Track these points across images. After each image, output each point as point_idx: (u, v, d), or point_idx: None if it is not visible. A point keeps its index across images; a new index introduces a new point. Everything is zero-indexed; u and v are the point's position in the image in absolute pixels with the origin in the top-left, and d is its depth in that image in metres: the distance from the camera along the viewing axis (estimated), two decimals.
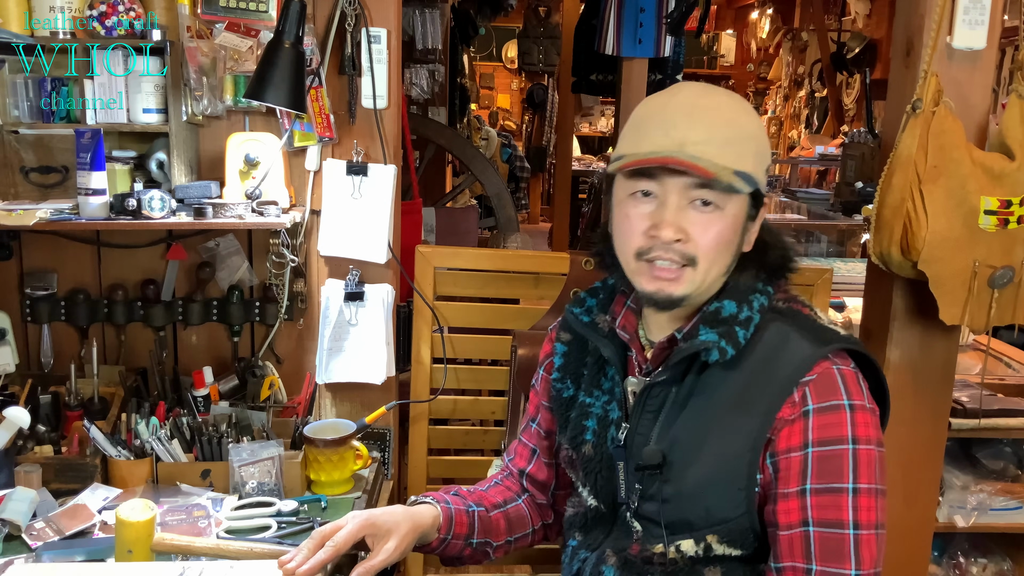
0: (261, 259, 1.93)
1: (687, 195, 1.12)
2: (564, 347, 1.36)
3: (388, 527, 1.22)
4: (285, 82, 1.63)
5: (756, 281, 1.20)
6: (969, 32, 1.64)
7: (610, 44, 3.41)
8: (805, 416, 1.10)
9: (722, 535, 1.14)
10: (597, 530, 1.28)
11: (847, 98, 7.16)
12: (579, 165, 8.42)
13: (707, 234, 1.12)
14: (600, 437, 1.26)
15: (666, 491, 1.16)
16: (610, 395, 1.27)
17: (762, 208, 1.19)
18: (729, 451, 1.13)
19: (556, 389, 1.35)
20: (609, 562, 1.23)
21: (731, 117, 1.15)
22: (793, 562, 1.10)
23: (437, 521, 1.29)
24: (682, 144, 1.10)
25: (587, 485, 1.28)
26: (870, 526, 1.08)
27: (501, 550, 1.39)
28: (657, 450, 1.16)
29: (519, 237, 3.65)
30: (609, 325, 1.28)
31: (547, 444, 1.42)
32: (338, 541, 1.19)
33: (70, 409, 1.77)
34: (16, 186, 1.80)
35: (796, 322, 1.17)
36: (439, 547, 1.31)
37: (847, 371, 1.13)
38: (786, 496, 1.11)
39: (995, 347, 2.49)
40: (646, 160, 1.12)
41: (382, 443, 1.90)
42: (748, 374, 1.14)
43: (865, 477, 1.09)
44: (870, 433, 1.11)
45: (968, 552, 2.25)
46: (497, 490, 1.43)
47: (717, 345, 1.13)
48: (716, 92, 1.19)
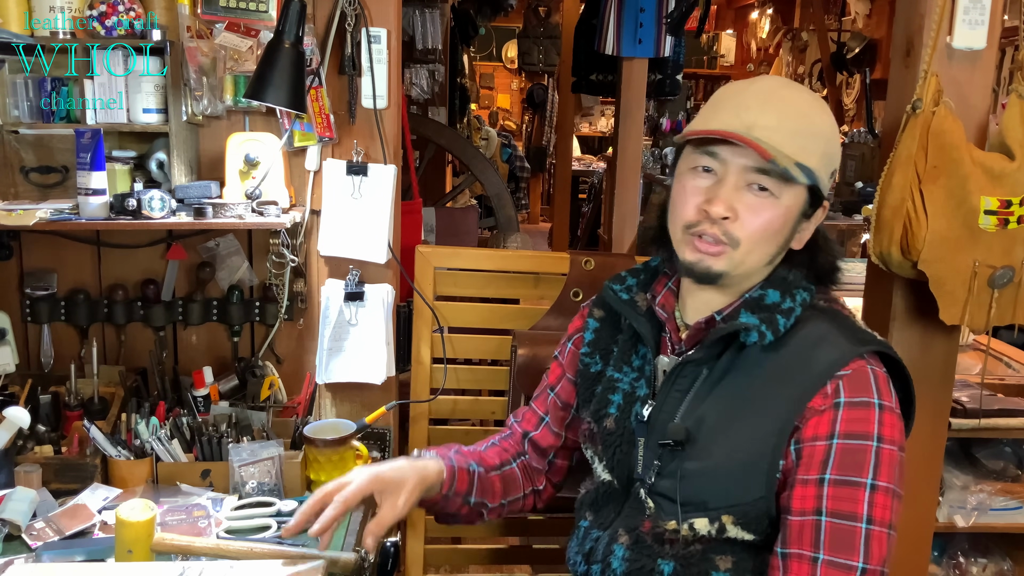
0: (261, 259, 1.93)
1: (745, 177, 1.14)
2: (596, 323, 1.38)
3: (396, 481, 1.23)
4: (285, 82, 1.63)
5: (802, 278, 1.22)
6: (969, 32, 1.64)
7: (610, 44, 3.41)
8: (836, 408, 1.11)
9: (737, 516, 1.15)
10: (608, 507, 1.29)
11: (847, 98, 7.16)
12: (579, 165, 8.42)
13: (757, 218, 1.14)
14: (624, 412, 1.27)
15: (686, 468, 1.18)
16: (639, 372, 1.29)
17: (820, 210, 1.20)
18: (756, 433, 1.14)
19: (584, 363, 1.37)
20: (620, 540, 1.24)
21: (805, 111, 1.16)
22: (800, 549, 1.10)
23: (441, 476, 1.30)
24: (750, 127, 1.12)
25: (604, 459, 1.29)
26: (883, 524, 1.09)
27: (495, 512, 1.40)
28: (681, 426, 1.18)
29: (519, 237, 3.65)
30: (648, 303, 1.29)
31: (562, 415, 1.43)
32: (347, 495, 1.19)
33: (70, 409, 1.77)
34: (16, 186, 1.80)
35: (835, 321, 1.19)
36: (440, 503, 1.32)
37: (880, 373, 1.14)
38: (804, 483, 1.11)
39: (995, 347, 2.49)
40: (711, 132, 1.14)
41: (382, 443, 1.90)
42: (783, 362, 1.16)
43: (885, 476, 1.10)
44: (895, 435, 1.12)
45: (968, 552, 2.25)
46: (494, 451, 1.44)
47: (758, 328, 1.15)
48: (796, 87, 1.20)
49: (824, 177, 1.17)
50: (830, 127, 1.19)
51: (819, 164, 1.15)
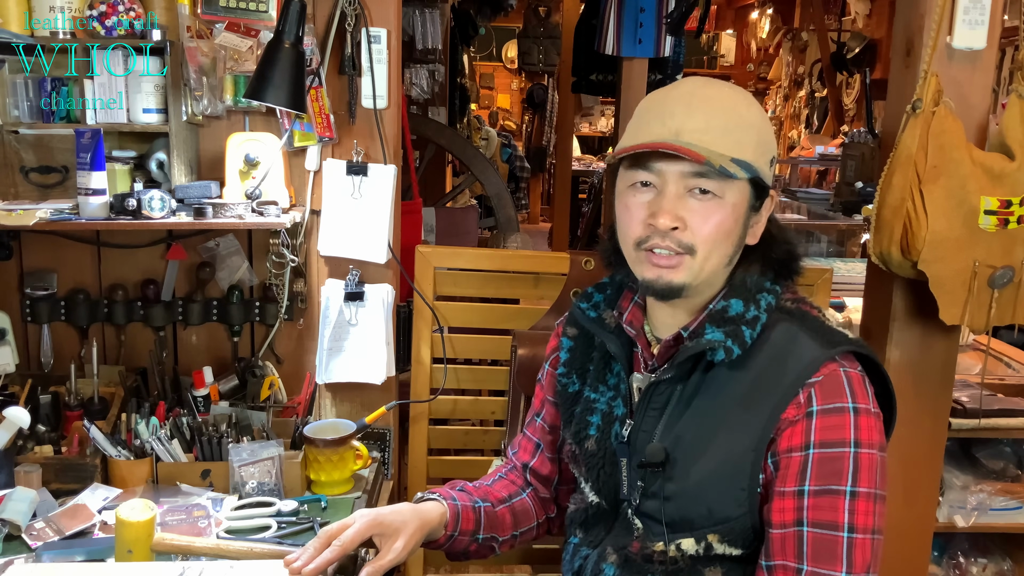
0: (261, 259, 1.93)
1: (684, 183, 1.12)
2: (570, 342, 1.36)
3: (396, 526, 1.22)
4: (285, 82, 1.63)
5: (763, 279, 1.19)
6: (969, 32, 1.64)
7: (610, 44, 3.41)
8: (809, 417, 1.10)
9: (723, 534, 1.14)
10: (598, 527, 1.28)
11: (847, 98, 7.15)
12: (579, 165, 8.43)
13: (706, 223, 1.12)
14: (604, 433, 1.26)
15: (668, 489, 1.17)
16: (615, 391, 1.27)
17: (767, 200, 1.19)
18: (733, 450, 1.13)
19: (561, 384, 1.35)
20: (609, 559, 1.23)
21: (730, 106, 1.14)
22: (784, 560, 1.10)
23: (444, 518, 1.29)
24: (678, 132, 1.11)
25: (589, 481, 1.28)
26: (866, 530, 1.08)
27: (507, 544, 1.39)
28: (660, 447, 1.16)
29: (519, 237, 3.65)
30: (616, 320, 1.28)
31: (551, 439, 1.42)
32: (345, 540, 1.18)
33: (70, 409, 1.77)
34: (16, 186, 1.80)
35: (804, 323, 1.16)
36: (445, 543, 1.31)
37: (853, 374, 1.12)
38: (783, 495, 1.10)
39: (995, 347, 2.49)
40: (640, 146, 1.12)
41: (382, 443, 1.90)
42: (754, 374, 1.14)
43: (864, 481, 1.08)
44: (872, 437, 1.10)
45: (968, 552, 2.25)
46: (502, 484, 1.43)
47: (723, 344, 1.13)
48: (717, 84, 1.18)
49: (763, 167, 1.15)
50: (759, 116, 1.17)
51: (755, 155, 1.13)
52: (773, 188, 1.20)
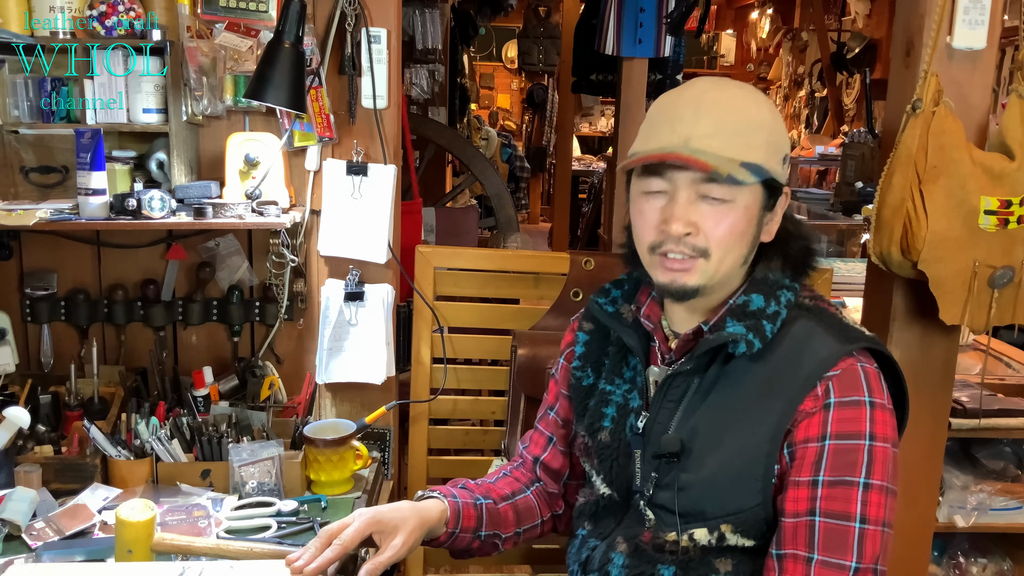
0: (261, 259, 1.93)
1: (695, 189, 1.13)
2: (586, 336, 1.38)
3: (395, 524, 1.22)
4: (285, 82, 1.63)
5: (782, 276, 1.21)
6: (969, 32, 1.64)
7: (610, 44, 3.41)
8: (826, 409, 1.11)
9: (736, 525, 1.15)
10: (608, 519, 1.29)
11: (847, 98, 7.16)
12: (579, 165, 8.43)
13: (719, 227, 1.13)
14: (618, 425, 1.27)
15: (682, 479, 1.17)
16: (631, 384, 1.29)
17: (781, 198, 1.20)
18: (749, 442, 1.14)
19: (576, 377, 1.36)
20: (619, 549, 1.23)
21: (739, 108, 1.15)
22: (795, 550, 1.10)
23: (444, 515, 1.29)
24: (687, 139, 1.12)
25: (601, 473, 1.29)
26: (877, 522, 1.09)
27: (510, 541, 1.39)
28: (676, 438, 1.18)
29: (519, 237, 3.65)
30: (633, 315, 1.29)
31: (564, 433, 1.43)
32: (345, 539, 1.19)
33: (70, 409, 1.77)
34: (16, 186, 1.80)
35: (822, 319, 1.18)
36: (447, 541, 1.31)
37: (870, 369, 1.14)
38: (797, 484, 1.11)
39: (995, 347, 2.49)
40: (649, 157, 1.13)
41: (382, 443, 1.90)
42: (772, 367, 1.15)
43: (878, 474, 1.10)
44: (887, 432, 1.12)
45: (968, 552, 2.25)
46: (505, 482, 1.43)
47: (744, 338, 1.14)
48: (727, 84, 1.19)
49: (775, 167, 1.16)
50: (769, 115, 1.17)
51: (766, 156, 1.14)
52: (786, 185, 1.20)
